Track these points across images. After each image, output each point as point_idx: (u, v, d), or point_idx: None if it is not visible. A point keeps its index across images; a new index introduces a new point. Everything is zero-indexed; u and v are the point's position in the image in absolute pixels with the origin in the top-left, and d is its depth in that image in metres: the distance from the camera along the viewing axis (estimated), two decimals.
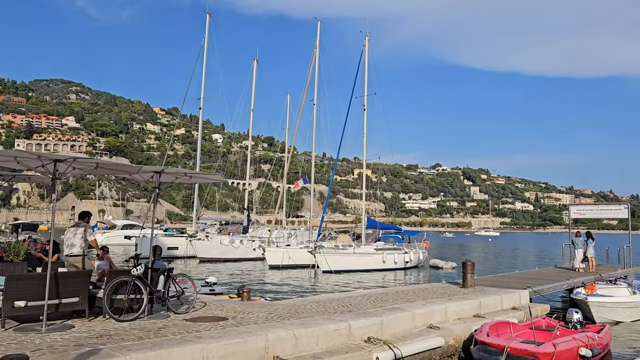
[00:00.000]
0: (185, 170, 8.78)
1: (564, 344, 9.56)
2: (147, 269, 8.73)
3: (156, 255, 9.19)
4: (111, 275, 8.36)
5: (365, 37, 34.30)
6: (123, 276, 8.35)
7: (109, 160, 7.93)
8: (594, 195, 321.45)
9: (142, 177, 8.91)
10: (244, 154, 67.15)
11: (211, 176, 9.22)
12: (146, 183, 8.81)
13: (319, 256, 28.64)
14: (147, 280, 8.58)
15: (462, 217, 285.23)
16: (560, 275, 18.70)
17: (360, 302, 11.24)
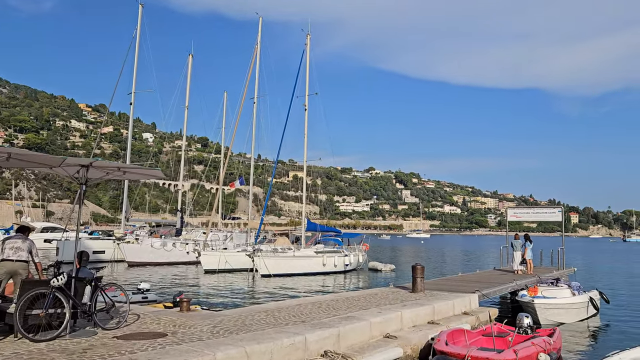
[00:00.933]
0: (119, 164, 7.60)
1: (524, 350, 9.26)
2: (71, 278, 7.46)
3: (82, 262, 7.92)
4: (25, 287, 7.04)
5: (307, 36, 33.67)
6: (40, 287, 7.06)
7: (25, 151, 6.62)
8: (516, 199, 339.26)
9: (66, 171, 7.63)
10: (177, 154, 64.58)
11: (150, 171, 8.09)
12: (71, 179, 7.55)
13: (258, 260, 27.58)
14: (69, 292, 7.32)
15: (394, 219, 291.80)
16: (503, 277, 18.79)
17: (311, 310, 10.43)
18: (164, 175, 7.65)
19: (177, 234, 37.99)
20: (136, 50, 38.63)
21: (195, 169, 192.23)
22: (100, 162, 7.30)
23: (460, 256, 57.26)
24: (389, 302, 11.83)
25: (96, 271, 8.01)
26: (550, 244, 22.04)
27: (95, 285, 7.81)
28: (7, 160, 6.61)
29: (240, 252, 30.83)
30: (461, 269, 29.82)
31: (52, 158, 6.98)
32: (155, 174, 7.90)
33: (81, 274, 7.71)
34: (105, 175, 8.27)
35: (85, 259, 7.95)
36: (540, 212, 24.76)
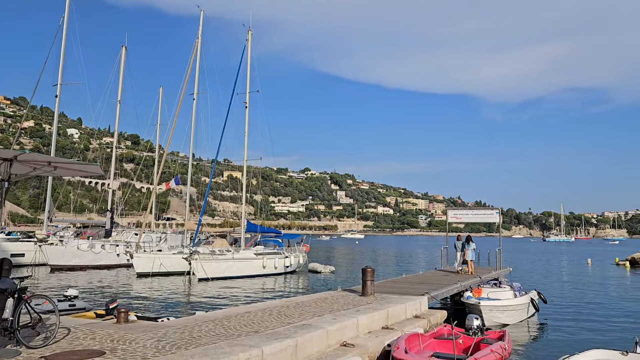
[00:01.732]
0: (50, 158, 6.60)
1: (485, 357, 9.10)
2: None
3: (3, 270, 6.84)
4: None
5: (249, 32, 32.75)
6: None
7: None
8: (445, 200, 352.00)
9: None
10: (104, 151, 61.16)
11: (87, 167, 7.10)
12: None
13: (195, 262, 26.39)
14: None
15: (329, 220, 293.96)
16: (446, 278, 18.88)
17: (262, 318, 9.75)
18: (103, 172, 6.74)
19: (107, 235, 35.76)
20: (63, 39, 36.09)
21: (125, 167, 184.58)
22: (27, 154, 6.29)
23: (398, 257, 58.15)
24: (341, 308, 11.36)
25: (20, 281, 6.95)
26: (478, 244, 22.61)
27: (18, 298, 6.77)
28: None
29: (176, 255, 29.44)
30: (403, 270, 30.06)
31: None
32: (93, 170, 6.95)
33: (1, 284, 6.64)
34: (31, 170, 7.22)
35: (7, 268, 6.87)
36: (479, 214, 25.26)
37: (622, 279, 32.85)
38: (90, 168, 7.01)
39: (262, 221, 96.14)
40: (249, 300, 20.19)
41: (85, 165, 6.86)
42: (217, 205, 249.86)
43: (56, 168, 7.17)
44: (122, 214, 53.81)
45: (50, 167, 7.12)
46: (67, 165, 6.97)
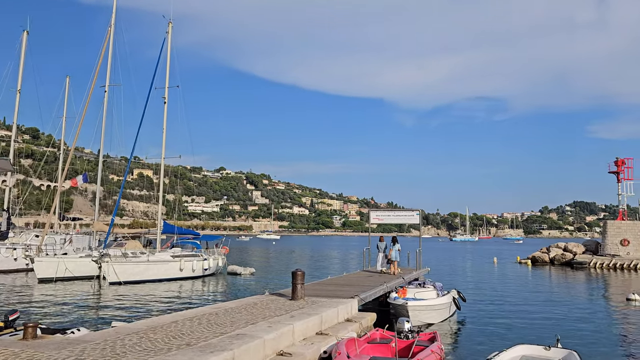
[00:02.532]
0: None
1: (426, 359, 9.05)
2: None
3: None
4: None
5: (169, 24, 31.20)
6: None
7: None
8: (359, 201, 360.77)
9: None
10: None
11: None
12: None
13: (106, 265, 24.63)
14: None
15: (244, 220, 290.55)
16: (372, 279, 18.95)
17: (192, 329, 9.02)
18: (13, 168, 5.77)
19: (2, 238, 32.44)
20: None
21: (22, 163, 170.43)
22: None
23: (317, 258, 58.33)
24: (274, 314, 10.87)
25: None
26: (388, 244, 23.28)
27: None
28: None
29: (84, 258, 27.36)
30: (324, 271, 30.04)
31: None
32: (2, 165, 5.88)
33: None
34: None
35: None
36: (400, 215, 25.72)
37: (526, 277, 35.10)
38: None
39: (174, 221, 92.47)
40: (168, 306, 19.07)
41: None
42: (126, 205, 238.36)
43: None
44: (19, 213, 49.41)
45: None
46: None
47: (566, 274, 37.46)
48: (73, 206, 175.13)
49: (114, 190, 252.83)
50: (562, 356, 10.29)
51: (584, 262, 43.30)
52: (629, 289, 26.12)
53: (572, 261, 44.67)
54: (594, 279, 33.33)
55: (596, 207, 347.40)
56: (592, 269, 41.55)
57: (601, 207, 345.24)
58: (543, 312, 18.81)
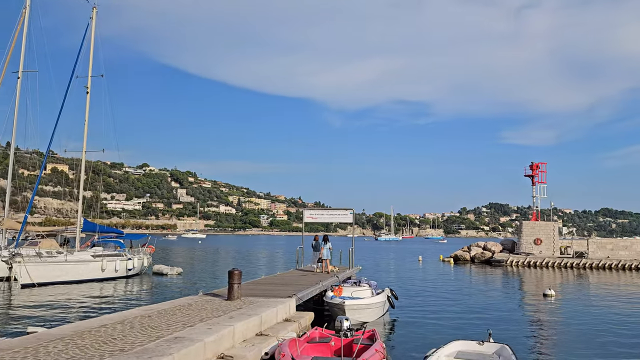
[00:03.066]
0: None
1: (372, 358, 8.97)
2: None
3: None
4: None
5: (93, 9, 29.34)
6: None
7: None
8: (287, 201, 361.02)
9: None
10: None
11: None
12: None
13: (18, 266, 22.73)
14: None
15: (167, 219, 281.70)
16: (307, 278, 18.79)
17: (124, 332, 8.38)
18: None
19: None
20: None
21: None
22: None
23: (245, 256, 57.47)
24: (212, 315, 10.38)
25: None
26: (305, 243, 23.45)
27: None
28: None
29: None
30: (257, 271, 29.51)
31: None
32: None
33: None
34: None
35: None
36: (334, 214, 25.82)
37: (450, 275, 36.45)
38: None
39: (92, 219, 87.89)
40: (91, 309, 17.87)
41: None
42: (38, 202, 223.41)
43: None
44: None
45: None
46: None
47: (486, 271, 39.32)
48: None
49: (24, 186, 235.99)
50: (495, 350, 10.62)
51: (502, 260, 45.69)
52: (544, 285, 27.82)
53: (491, 259, 47.03)
54: (511, 276, 35.20)
55: (509, 208, 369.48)
56: (509, 266, 43.92)
57: (514, 208, 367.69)
58: (471, 309, 19.49)
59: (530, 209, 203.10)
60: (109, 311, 15.47)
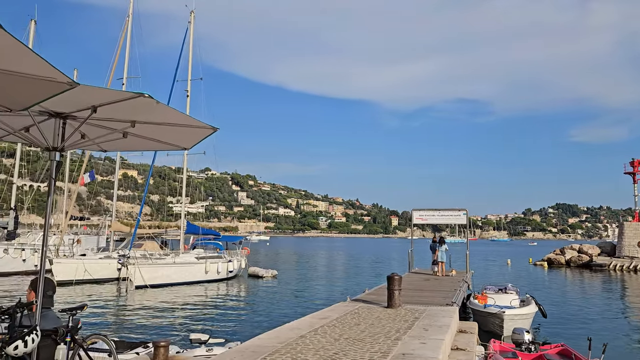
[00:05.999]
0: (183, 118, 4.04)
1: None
2: (28, 333, 3.74)
3: (45, 298, 4.17)
4: None
5: (191, 13, 29.51)
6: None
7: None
8: (344, 202, 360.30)
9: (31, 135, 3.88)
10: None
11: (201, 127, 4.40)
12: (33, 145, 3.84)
13: (133, 268, 22.92)
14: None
15: (229, 221, 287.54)
16: (435, 283, 17.67)
17: (334, 345, 7.55)
18: (216, 128, 4.20)
19: (10, 238, 30.37)
20: None
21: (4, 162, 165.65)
22: (151, 100, 3.61)
23: (336, 259, 56.94)
24: (397, 326, 9.46)
25: (71, 315, 4.31)
26: (377, 245, 22.17)
27: (72, 341, 4.15)
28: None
29: (103, 259, 25.59)
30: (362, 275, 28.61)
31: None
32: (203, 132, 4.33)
33: (47, 322, 4.00)
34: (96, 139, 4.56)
35: (50, 294, 4.21)
36: (445, 215, 24.44)
37: (558, 279, 34.21)
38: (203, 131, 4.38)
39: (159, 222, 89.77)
40: (222, 313, 17.53)
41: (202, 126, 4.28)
42: (110, 205, 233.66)
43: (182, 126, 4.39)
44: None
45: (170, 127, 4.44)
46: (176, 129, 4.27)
47: (592, 276, 36.68)
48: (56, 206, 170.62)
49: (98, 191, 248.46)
50: None
51: (603, 264, 42.66)
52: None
53: (590, 263, 44.03)
54: (629, 282, 32.57)
55: (578, 209, 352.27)
56: (612, 271, 40.92)
57: (583, 209, 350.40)
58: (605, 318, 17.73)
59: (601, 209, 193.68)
60: (233, 315, 14.98)
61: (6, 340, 3.40)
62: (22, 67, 2.93)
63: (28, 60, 2.77)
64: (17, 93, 3.34)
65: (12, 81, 3.14)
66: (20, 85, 3.19)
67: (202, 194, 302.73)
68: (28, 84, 3.15)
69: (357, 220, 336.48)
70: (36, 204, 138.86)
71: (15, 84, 3.19)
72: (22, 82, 3.15)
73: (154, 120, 4.06)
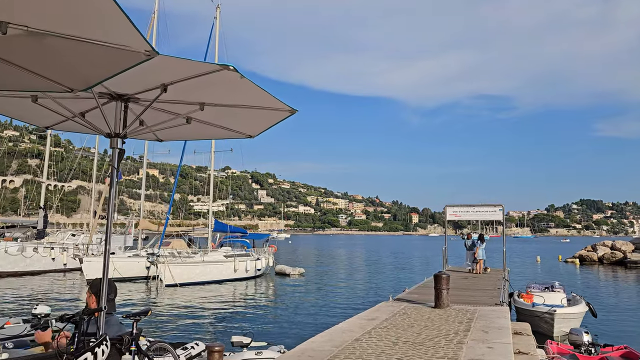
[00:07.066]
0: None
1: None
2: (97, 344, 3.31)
3: (108, 302, 3.73)
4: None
5: (217, 9, 29.17)
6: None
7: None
8: (364, 200, 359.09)
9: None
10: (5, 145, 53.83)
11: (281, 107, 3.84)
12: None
13: (163, 267, 22.70)
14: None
15: (249, 219, 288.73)
16: (473, 281, 17.02)
17: (396, 350, 7.06)
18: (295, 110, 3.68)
19: (39, 237, 30.49)
20: None
21: (28, 162, 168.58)
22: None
23: (362, 257, 56.46)
24: (452, 328, 8.92)
25: (135, 321, 3.87)
26: (398, 243, 21.44)
27: (137, 350, 3.71)
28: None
29: (132, 258, 25.46)
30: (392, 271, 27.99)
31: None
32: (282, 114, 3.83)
33: (111, 329, 3.56)
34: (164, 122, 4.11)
35: (112, 298, 3.77)
36: (480, 211, 23.59)
37: (594, 277, 33.18)
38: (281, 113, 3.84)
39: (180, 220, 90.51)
40: (257, 313, 17.16)
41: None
42: (133, 204, 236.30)
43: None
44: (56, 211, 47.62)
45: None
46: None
47: (628, 274, 35.49)
48: (81, 206, 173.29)
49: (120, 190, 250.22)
50: None
51: (639, 261, 41.32)
52: None
53: (624, 260, 42.66)
54: None
55: (603, 205, 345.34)
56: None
57: (608, 205, 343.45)
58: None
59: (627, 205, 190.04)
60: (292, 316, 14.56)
61: (72, 352, 2.98)
62: (93, 32, 2.43)
63: (104, 21, 2.29)
64: (80, 68, 2.85)
65: (78, 53, 2.65)
66: (85, 57, 2.70)
67: (227, 191, 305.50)
68: (94, 55, 2.66)
69: (377, 217, 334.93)
70: (61, 203, 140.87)
71: (80, 56, 2.70)
72: (88, 54, 2.66)
73: (226, 101, 3.60)
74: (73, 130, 4.12)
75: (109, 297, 3.59)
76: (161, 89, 3.25)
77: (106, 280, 3.50)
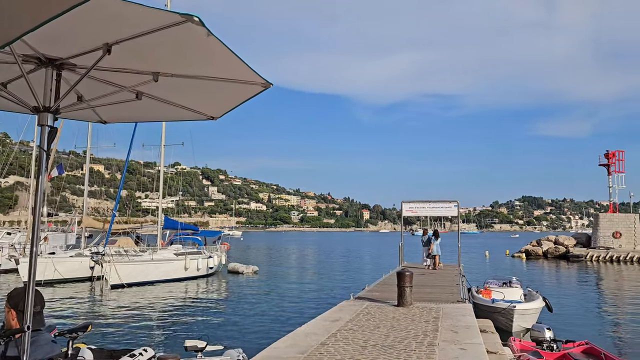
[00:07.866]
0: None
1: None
2: None
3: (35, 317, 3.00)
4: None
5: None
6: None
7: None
8: (316, 197, 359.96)
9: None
10: None
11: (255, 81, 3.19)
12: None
13: (108, 266, 21.43)
14: None
15: (200, 216, 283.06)
16: (430, 278, 16.90)
17: (365, 354, 6.59)
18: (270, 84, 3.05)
19: None
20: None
21: None
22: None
23: (314, 254, 55.94)
24: (420, 327, 8.54)
25: (70, 339, 3.16)
26: (350, 239, 21.48)
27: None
28: None
29: (75, 257, 23.97)
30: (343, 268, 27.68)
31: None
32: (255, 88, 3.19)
33: (38, 351, 2.86)
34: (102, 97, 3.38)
35: (39, 310, 3.05)
36: (436, 207, 23.65)
37: (540, 271, 34.09)
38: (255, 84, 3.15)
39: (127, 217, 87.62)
40: (185, 313, 16.34)
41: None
42: (76, 201, 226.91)
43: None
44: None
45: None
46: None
47: (570, 267, 36.76)
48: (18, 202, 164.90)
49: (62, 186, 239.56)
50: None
51: (580, 255, 42.96)
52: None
53: (567, 254, 44.28)
54: (609, 273, 32.66)
55: (543, 201, 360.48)
56: (588, 262, 41.21)
57: (547, 201, 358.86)
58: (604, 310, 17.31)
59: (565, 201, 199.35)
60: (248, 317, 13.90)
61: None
62: None
63: None
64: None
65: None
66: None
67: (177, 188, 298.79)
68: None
69: (329, 214, 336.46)
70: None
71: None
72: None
73: (186, 70, 2.95)
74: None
75: (33, 311, 2.88)
76: (104, 49, 2.57)
77: (32, 289, 2.79)
